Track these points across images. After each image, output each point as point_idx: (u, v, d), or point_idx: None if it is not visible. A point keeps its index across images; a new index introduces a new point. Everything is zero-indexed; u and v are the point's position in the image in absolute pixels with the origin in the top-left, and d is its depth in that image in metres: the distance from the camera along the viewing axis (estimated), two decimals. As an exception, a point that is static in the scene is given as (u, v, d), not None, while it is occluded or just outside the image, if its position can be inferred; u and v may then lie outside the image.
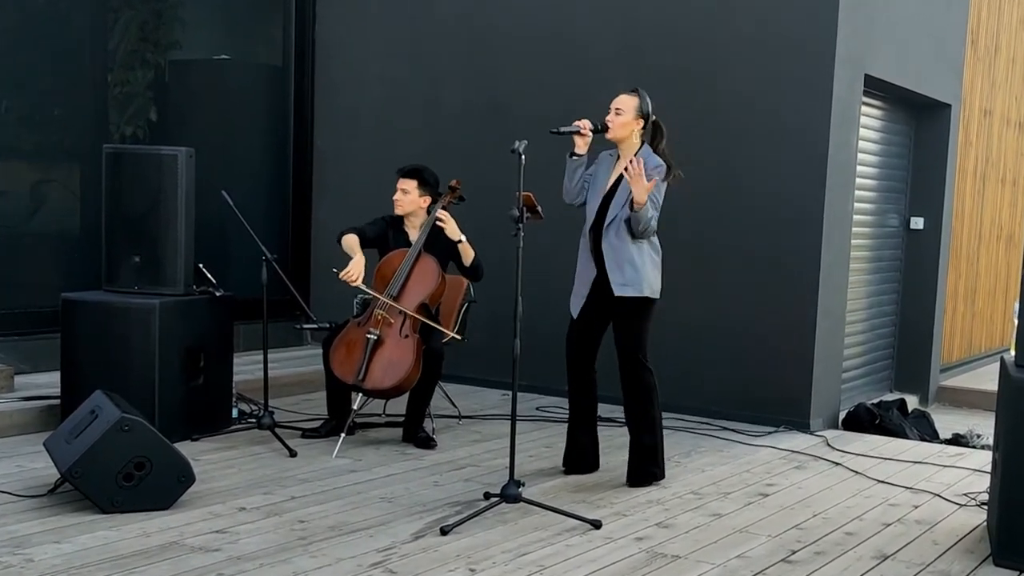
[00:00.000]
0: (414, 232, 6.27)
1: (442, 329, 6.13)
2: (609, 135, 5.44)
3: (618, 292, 5.39)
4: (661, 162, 5.40)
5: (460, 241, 6.09)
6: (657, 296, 5.51)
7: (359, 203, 7.00)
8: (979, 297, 10.90)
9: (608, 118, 5.43)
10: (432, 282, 6.08)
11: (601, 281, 5.46)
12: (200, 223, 6.24)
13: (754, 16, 7.17)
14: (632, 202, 5.23)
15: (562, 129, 5.36)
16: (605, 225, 5.41)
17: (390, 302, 6.00)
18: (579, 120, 5.40)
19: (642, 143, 5.50)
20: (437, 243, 6.14)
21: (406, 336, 5.99)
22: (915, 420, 7.81)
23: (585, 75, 7.68)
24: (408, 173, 6.27)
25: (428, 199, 6.27)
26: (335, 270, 6.00)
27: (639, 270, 5.39)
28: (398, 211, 6.27)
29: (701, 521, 5.02)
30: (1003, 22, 10.63)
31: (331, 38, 8.92)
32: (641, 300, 5.43)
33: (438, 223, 6.04)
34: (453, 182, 6.28)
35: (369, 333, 5.98)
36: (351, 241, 6.13)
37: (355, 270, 5.96)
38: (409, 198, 6.24)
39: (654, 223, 5.36)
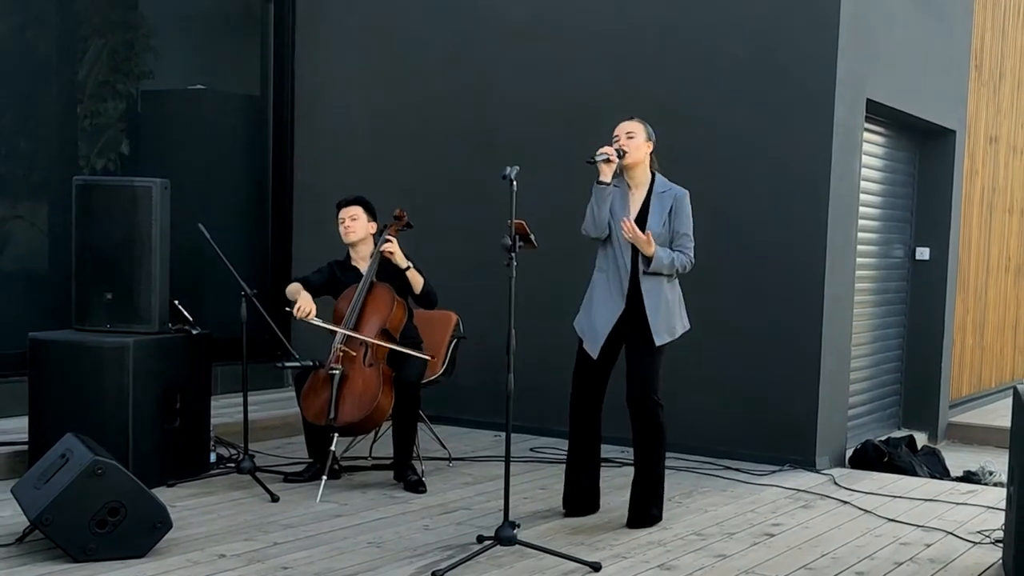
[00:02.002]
0: (363, 264, 6.35)
1: (409, 352, 6.13)
2: (628, 160, 5.48)
3: (659, 341, 5.47)
4: (683, 189, 5.57)
5: (408, 268, 6.17)
6: (687, 328, 5.67)
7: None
8: (988, 330, 10.94)
9: (621, 143, 5.47)
10: (388, 307, 6.14)
11: (625, 319, 5.49)
12: (175, 259, 6.23)
13: (752, 37, 7.23)
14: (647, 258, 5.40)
15: (596, 157, 5.40)
16: (644, 267, 5.45)
17: (348, 333, 6.03)
18: (604, 147, 5.44)
19: (653, 174, 5.59)
20: (388, 272, 6.23)
21: (370, 365, 6.03)
22: (925, 457, 7.82)
23: (576, 106, 7.72)
24: (351, 201, 6.40)
25: (375, 224, 6.38)
26: (288, 309, 6.05)
27: (671, 312, 5.53)
28: (350, 239, 6.36)
29: (705, 562, 5.00)
30: (1007, 47, 10.75)
31: (311, 66, 8.96)
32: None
33: (385, 254, 6.12)
34: (397, 211, 6.39)
35: (332, 370, 6.01)
36: (292, 287, 6.30)
37: (304, 304, 6.08)
38: (359, 223, 6.34)
39: (688, 256, 5.52)
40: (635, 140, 5.49)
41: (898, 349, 9.27)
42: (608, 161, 5.40)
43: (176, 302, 6.19)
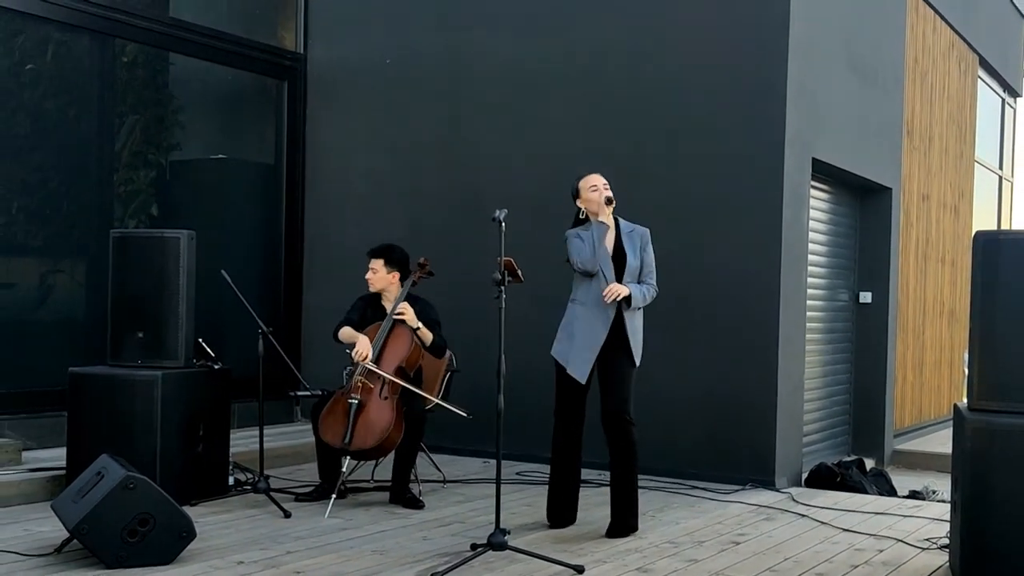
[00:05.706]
0: (390, 305, 6.31)
1: (420, 392, 6.09)
2: (611, 205, 5.54)
3: (639, 360, 5.58)
4: (645, 228, 5.68)
5: (418, 328, 6.14)
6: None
7: (346, 286, 6.98)
8: (926, 368, 10.92)
9: (608, 193, 5.53)
10: (406, 347, 6.10)
11: (607, 345, 5.49)
12: (200, 303, 6.21)
13: (709, 102, 7.29)
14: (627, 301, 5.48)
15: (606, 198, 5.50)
16: (626, 308, 5.51)
17: (369, 367, 5.98)
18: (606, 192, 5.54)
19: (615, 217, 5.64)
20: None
21: (386, 398, 5.98)
22: (874, 478, 7.76)
23: (552, 162, 7.73)
24: (375, 253, 6.37)
25: (397, 274, 6.33)
26: (348, 352, 6.05)
27: (640, 337, 5.62)
28: (371, 288, 6.35)
29: (678, 566, 4.94)
30: (935, 116, 10.85)
31: (320, 137, 9.00)
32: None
33: (397, 317, 6.10)
34: (421, 259, 6.36)
35: (351, 399, 5.96)
36: (348, 332, 6.21)
37: (363, 349, 6.02)
38: (378, 276, 6.31)
39: (654, 286, 5.64)
40: (609, 192, 5.58)
41: (846, 383, 9.24)
42: (610, 202, 5.49)
43: (200, 340, 6.17)
